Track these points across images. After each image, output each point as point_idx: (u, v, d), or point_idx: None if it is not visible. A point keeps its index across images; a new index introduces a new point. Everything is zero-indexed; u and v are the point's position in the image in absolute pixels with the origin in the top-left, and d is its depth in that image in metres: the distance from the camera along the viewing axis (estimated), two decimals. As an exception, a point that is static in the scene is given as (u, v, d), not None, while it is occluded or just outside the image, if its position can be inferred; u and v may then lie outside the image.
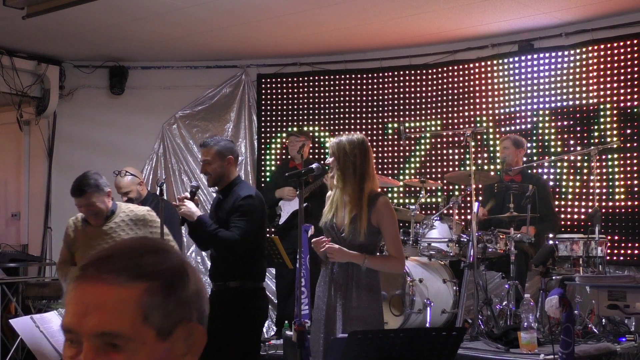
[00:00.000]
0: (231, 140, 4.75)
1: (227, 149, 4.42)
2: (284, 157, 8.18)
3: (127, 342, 1.13)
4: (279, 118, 8.41)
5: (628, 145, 6.69)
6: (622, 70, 6.77)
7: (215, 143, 4.42)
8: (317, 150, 8.21)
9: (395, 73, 7.99)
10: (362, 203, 3.87)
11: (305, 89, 8.35)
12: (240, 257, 4.29)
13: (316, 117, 8.30)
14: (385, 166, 7.93)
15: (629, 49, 6.77)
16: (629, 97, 6.72)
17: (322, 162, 7.97)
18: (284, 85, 8.42)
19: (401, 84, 7.96)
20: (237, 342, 4.22)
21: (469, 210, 6.68)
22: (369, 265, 3.88)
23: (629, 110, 6.71)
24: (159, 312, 1.16)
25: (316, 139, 8.22)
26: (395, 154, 7.93)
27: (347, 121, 8.14)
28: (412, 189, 7.69)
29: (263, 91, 8.46)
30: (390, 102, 8.00)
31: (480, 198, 6.92)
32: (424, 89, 7.86)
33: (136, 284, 1.15)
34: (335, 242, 3.94)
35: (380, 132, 7.99)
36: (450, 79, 7.71)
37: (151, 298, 1.15)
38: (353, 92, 8.16)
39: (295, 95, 8.37)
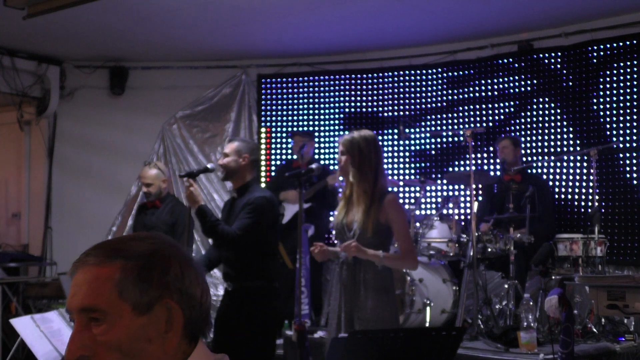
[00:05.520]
0: (257, 144, 4.77)
1: (247, 148, 4.46)
2: (288, 157, 8.19)
3: (105, 316, 1.26)
4: (279, 118, 8.42)
5: (628, 145, 6.69)
6: (622, 70, 6.78)
7: (238, 140, 4.55)
8: (317, 150, 8.21)
9: (395, 73, 7.99)
10: (374, 200, 3.81)
11: (306, 89, 8.35)
12: (251, 257, 4.28)
13: (316, 117, 8.30)
14: (386, 166, 7.93)
15: (628, 49, 6.78)
16: (627, 97, 6.72)
17: (322, 162, 8.02)
18: (284, 85, 8.42)
19: (401, 84, 7.96)
20: (251, 342, 4.20)
21: (468, 211, 6.68)
22: (386, 263, 3.78)
23: (627, 110, 6.71)
24: (134, 289, 1.27)
25: (316, 139, 8.22)
26: (395, 154, 7.93)
27: (347, 121, 8.15)
28: (412, 188, 7.70)
29: (263, 91, 8.47)
30: (390, 102, 8.00)
31: (480, 199, 6.93)
32: (424, 89, 7.87)
33: (112, 263, 1.29)
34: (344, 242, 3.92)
35: (380, 132, 8.00)
36: (450, 79, 7.71)
37: (125, 276, 1.28)
38: (353, 92, 8.17)
39: (295, 95, 8.38)
